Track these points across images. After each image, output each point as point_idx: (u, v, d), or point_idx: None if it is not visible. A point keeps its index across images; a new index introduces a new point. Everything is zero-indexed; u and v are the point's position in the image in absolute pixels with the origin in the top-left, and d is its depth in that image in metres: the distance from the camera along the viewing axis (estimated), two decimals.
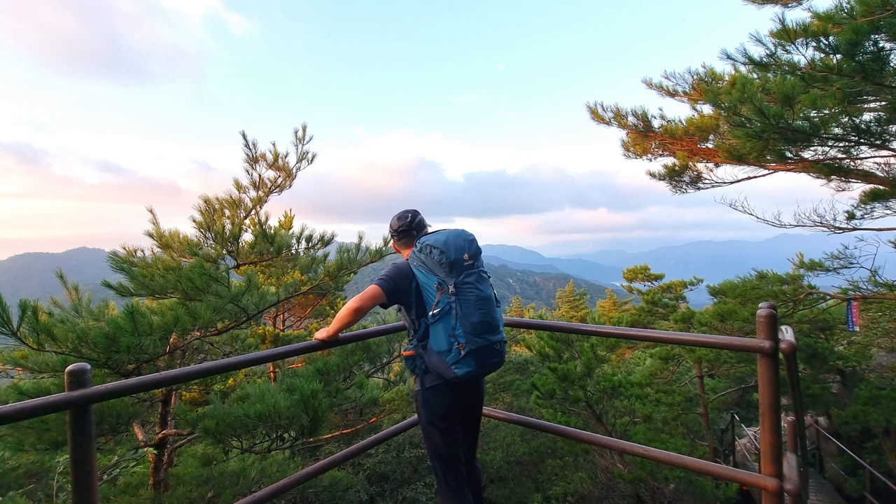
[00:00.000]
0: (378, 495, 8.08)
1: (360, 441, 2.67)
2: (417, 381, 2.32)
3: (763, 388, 1.78)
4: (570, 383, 7.55)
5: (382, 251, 5.58)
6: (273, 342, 8.71)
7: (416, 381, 2.32)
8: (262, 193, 5.34)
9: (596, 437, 2.65)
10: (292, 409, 3.95)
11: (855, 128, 5.64)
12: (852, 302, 7.34)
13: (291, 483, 2.17)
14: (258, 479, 5.04)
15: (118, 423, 3.99)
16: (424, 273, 2.21)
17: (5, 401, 3.60)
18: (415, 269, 2.24)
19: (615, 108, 8.64)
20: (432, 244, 2.19)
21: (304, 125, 5.35)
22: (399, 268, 2.28)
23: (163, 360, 4.13)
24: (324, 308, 11.65)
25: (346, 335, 2.57)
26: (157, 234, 5.20)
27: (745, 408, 13.69)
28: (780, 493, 1.77)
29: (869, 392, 9.29)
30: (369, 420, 7.81)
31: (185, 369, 1.86)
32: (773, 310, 1.75)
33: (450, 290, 2.14)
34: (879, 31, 4.48)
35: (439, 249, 2.17)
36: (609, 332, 3.50)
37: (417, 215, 2.47)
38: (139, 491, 4.38)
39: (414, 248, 2.30)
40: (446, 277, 2.16)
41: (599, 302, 34.89)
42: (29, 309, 3.10)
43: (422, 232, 2.43)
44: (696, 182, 8.53)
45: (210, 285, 4.14)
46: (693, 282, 13.17)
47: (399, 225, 2.44)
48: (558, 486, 8.80)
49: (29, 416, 1.47)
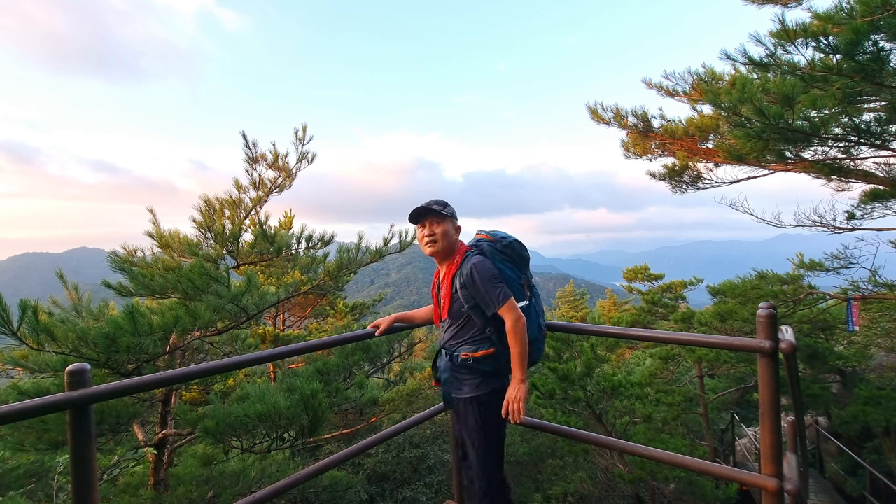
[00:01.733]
0: (378, 495, 8.08)
1: (360, 441, 2.67)
2: (487, 382, 2.21)
3: (763, 388, 1.78)
4: (570, 383, 7.54)
5: (382, 251, 5.59)
6: (273, 342, 8.71)
7: (483, 383, 2.21)
8: (262, 193, 5.34)
9: (596, 437, 2.65)
10: (292, 409, 3.95)
11: (855, 128, 5.64)
12: (852, 302, 7.34)
13: (291, 483, 2.17)
14: (258, 479, 5.04)
15: (118, 423, 3.99)
16: (511, 268, 2.27)
17: (5, 401, 3.60)
18: (500, 263, 2.24)
19: (615, 108, 8.65)
20: (515, 240, 2.32)
21: (304, 125, 5.35)
22: (491, 268, 2.17)
23: (163, 360, 4.13)
24: (324, 308, 11.65)
25: (347, 335, 2.58)
26: (157, 234, 5.20)
27: (745, 408, 13.68)
28: (780, 493, 1.77)
29: (869, 392, 9.30)
30: (369, 420, 7.81)
31: (185, 369, 1.86)
32: (773, 310, 1.75)
33: (527, 285, 2.34)
34: (879, 31, 4.48)
35: (523, 245, 2.34)
36: (609, 332, 3.50)
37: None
38: (139, 491, 4.38)
39: (484, 241, 2.32)
40: (525, 273, 2.34)
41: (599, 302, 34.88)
42: (29, 309, 3.10)
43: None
44: (696, 182, 8.54)
45: (210, 285, 4.14)
46: (693, 282, 13.17)
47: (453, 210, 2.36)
48: (558, 486, 8.80)
49: (29, 416, 1.47)
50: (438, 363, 2.42)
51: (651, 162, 9.18)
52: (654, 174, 8.88)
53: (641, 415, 8.11)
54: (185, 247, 4.97)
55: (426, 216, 2.28)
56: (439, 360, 2.41)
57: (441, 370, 2.34)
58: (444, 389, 2.31)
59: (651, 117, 8.40)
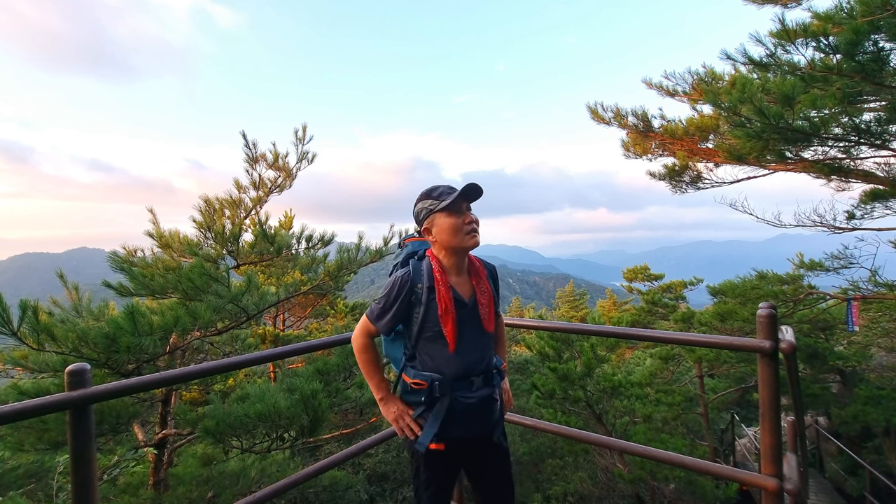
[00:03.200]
0: (378, 495, 8.08)
1: (360, 441, 2.66)
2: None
3: (763, 388, 1.78)
4: (570, 383, 7.55)
5: (382, 251, 5.59)
6: (273, 342, 8.71)
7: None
8: (262, 193, 5.34)
9: (596, 437, 2.64)
10: (292, 409, 3.95)
11: (855, 128, 5.64)
12: (852, 302, 7.34)
13: (291, 483, 2.17)
14: (258, 479, 5.04)
15: (118, 423, 3.99)
16: None
17: (5, 401, 3.60)
18: None
19: (615, 108, 8.65)
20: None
21: (304, 125, 5.37)
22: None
23: (163, 360, 4.13)
24: (324, 308, 11.66)
25: (346, 335, 2.57)
26: (157, 233, 5.20)
27: (745, 408, 13.68)
28: (780, 493, 1.77)
29: (869, 392, 9.30)
30: (369, 420, 7.81)
31: (185, 369, 1.86)
32: (773, 310, 1.75)
33: None
34: (879, 31, 4.48)
35: None
36: (609, 332, 3.51)
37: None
38: (139, 491, 4.38)
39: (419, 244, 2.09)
40: None
41: (599, 302, 34.88)
42: (29, 309, 3.11)
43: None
44: (696, 182, 8.54)
45: (210, 285, 4.14)
46: (693, 282, 13.18)
47: None
48: (558, 486, 8.80)
49: (29, 416, 1.47)
50: (480, 394, 1.76)
51: (651, 162, 9.19)
52: (654, 174, 8.89)
53: (641, 415, 8.11)
54: (185, 247, 4.97)
55: (477, 197, 1.80)
56: (478, 390, 1.76)
57: (495, 400, 1.81)
58: (497, 430, 1.87)
59: (651, 117, 8.41)
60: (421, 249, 1.87)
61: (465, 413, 1.74)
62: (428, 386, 1.72)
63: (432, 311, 1.72)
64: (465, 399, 1.74)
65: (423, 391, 1.74)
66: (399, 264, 1.90)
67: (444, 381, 1.72)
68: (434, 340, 1.73)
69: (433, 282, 1.73)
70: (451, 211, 1.73)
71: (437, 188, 1.79)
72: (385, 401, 1.82)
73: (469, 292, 1.80)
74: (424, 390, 1.73)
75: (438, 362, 1.73)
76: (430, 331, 1.73)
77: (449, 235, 1.73)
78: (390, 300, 1.74)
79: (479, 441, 1.83)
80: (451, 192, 1.76)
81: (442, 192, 1.77)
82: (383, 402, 1.82)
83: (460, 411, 1.73)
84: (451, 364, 1.73)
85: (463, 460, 1.90)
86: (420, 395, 1.75)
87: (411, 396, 1.79)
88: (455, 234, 1.73)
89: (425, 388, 1.73)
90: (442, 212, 1.74)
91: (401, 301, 1.73)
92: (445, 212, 1.74)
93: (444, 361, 1.73)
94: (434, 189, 1.80)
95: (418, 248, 1.89)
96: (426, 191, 1.81)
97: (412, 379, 1.76)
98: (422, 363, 1.76)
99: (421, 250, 1.87)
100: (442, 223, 1.74)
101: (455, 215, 1.73)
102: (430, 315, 1.72)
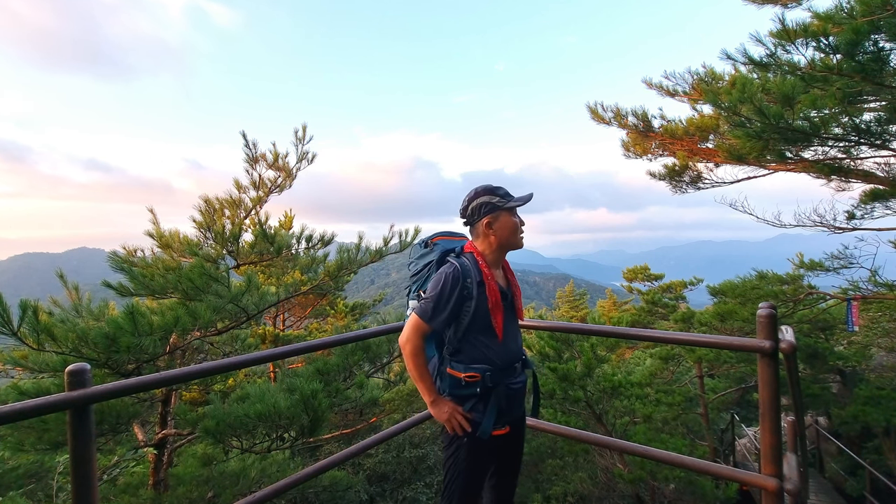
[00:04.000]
0: (378, 495, 8.08)
1: (360, 441, 2.67)
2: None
3: (763, 388, 1.78)
4: (570, 383, 7.54)
5: (382, 251, 5.59)
6: (273, 342, 8.71)
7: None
8: (262, 193, 5.34)
9: (596, 437, 2.65)
10: (292, 409, 3.95)
11: (855, 128, 5.64)
12: (852, 302, 7.34)
13: (291, 483, 2.17)
14: (258, 479, 5.04)
15: (118, 423, 3.99)
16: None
17: (5, 401, 3.60)
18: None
19: (615, 108, 8.65)
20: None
21: (303, 125, 5.35)
22: None
23: (163, 360, 4.13)
24: (324, 308, 11.66)
25: (346, 335, 2.57)
26: (157, 233, 5.20)
27: (745, 408, 13.68)
28: (780, 493, 1.77)
29: (869, 392, 9.29)
30: (369, 420, 7.82)
31: (185, 369, 1.86)
32: (773, 310, 1.75)
33: None
34: (879, 31, 4.48)
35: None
36: (609, 332, 3.51)
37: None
38: (139, 491, 4.38)
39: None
40: None
41: (599, 302, 34.88)
42: (29, 309, 3.10)
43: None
44: (696, 182, 8.53)
45: (210, 285, 4.14)
46: (693, 282, 13.18)
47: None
48: (558, 486, 8.79)
49: (29, 416, 1.47)
50: (522, 379, 1.96)
51: (651, 162, 9.18)
52: (655, 174, 8.88)
53: (641, 415, 8.11)
54: (185, 247, 4.97)
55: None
56: (519, 375, 1.94)
57: (521, 389, 1.95)
58: (517, 415, 1.99)
59: (651, 117, 8.40)
60: (457, 247, 1.97)
61: (512, 398, 1.88)
62: (481, 378, 1.81)
63: (482, 304, 1.81)
64: (512, 385, 1.88)
65: (476, 383, 1.82)
66: (435, 262, 1.98)
67: (495, 371, 1.83)
68: (483, 332, 1.83)
69: (482, 276, 1.83)
70: (513, 212, 1.90)
71: (500, 188, 1.91)
72: (436, 402, 1.87)
73: (506, 285, 1.95)
74: (478, 382, 1.81)
75: (488, 353, 1.83)
76: (480, 323, 1.81)
77: (510, 233, 1.89)
78: (445, 296, 1.79)
79: (518, 422, 1.98)
80: (510, 195, 1.90)
81: (505, 193, 1.90)
82: (434, 404, 1.87)
83: (509, 396, 1.86)
84: (499, 354, 1.84)
85: (501, 447, 1.98)
86: (474, 388, 1.82)
87: (464, 390, 1.85)
88: (514, 233, 1.90)
89: (479, 381, 1.81)
90: (507, 211, 1.88)
91: (456, 296, 1.79)
92: (510, 211, 1.89)
93: (493, 352, 1.83)
94: (498, 188, 1.91)
95: (452, 246, 1.99)
96: (488, 187, 1.91)
97: (464, 373, 1.83)
98: (469, 356, 1.84)
99: (458, 247, 1.96)
100: (506, 221, 1.88)
101: (516, 217, 1.91)
102: (481, 308, 1.81)
